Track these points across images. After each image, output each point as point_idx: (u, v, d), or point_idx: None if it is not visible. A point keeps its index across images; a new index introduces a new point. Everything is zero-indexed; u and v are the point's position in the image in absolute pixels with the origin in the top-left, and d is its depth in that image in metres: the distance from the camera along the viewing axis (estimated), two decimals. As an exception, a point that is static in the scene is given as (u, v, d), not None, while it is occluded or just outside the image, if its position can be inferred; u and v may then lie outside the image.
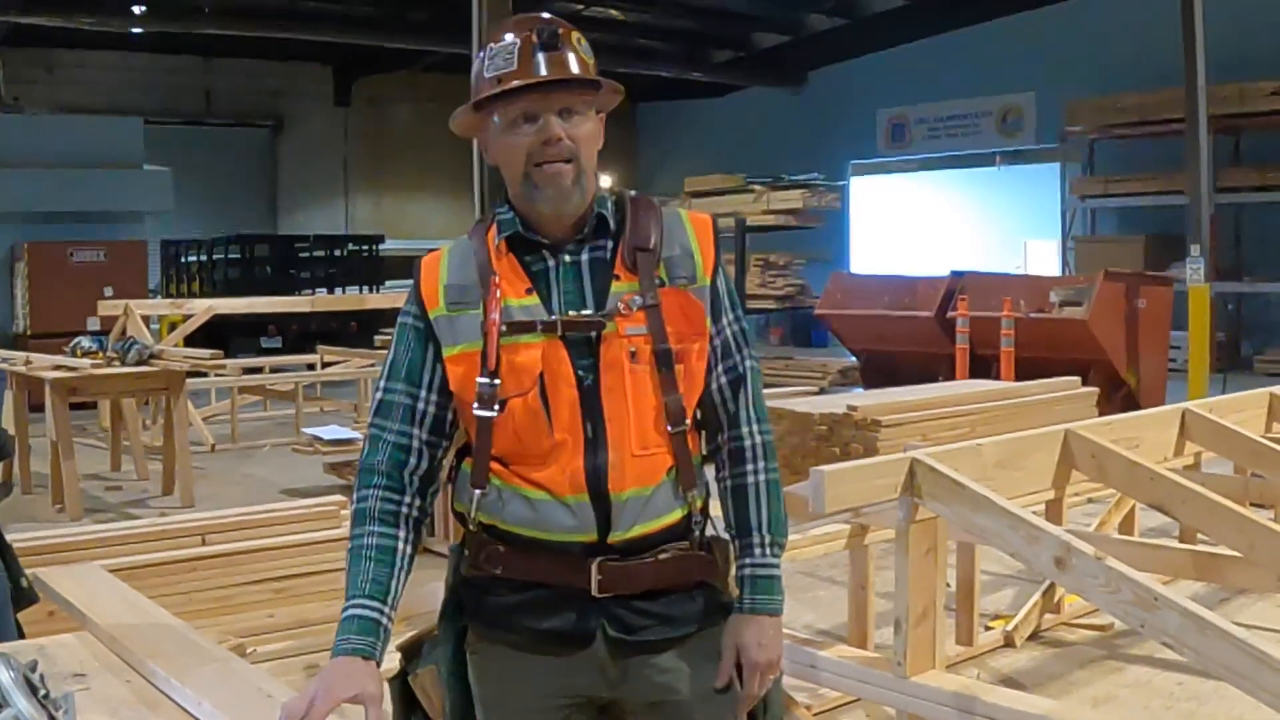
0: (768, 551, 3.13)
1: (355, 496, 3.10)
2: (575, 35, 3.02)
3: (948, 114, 31.87)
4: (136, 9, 26.52)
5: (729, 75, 35.81)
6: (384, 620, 2.95)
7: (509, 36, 3.00)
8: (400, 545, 3.03)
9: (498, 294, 2.98)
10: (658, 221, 3.08)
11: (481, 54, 3.05)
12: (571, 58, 2.98)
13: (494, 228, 3.09)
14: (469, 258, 3.07)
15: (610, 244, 3.05)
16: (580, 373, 2.95)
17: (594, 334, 2.96)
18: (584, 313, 2.98)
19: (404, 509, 3.06)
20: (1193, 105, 19.10)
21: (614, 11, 31.59)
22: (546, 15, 3.06)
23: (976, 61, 29.90)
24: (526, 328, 2.96)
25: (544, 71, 2.96)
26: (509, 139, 3.01)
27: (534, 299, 2.99)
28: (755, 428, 3.17)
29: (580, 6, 30.24)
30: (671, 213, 3.14)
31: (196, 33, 28.28)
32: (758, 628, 3.09)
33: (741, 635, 3.08)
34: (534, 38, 2.98)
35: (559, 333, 2.95)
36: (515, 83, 2.96)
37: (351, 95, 36.39)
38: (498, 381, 2.96)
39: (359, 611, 2.93)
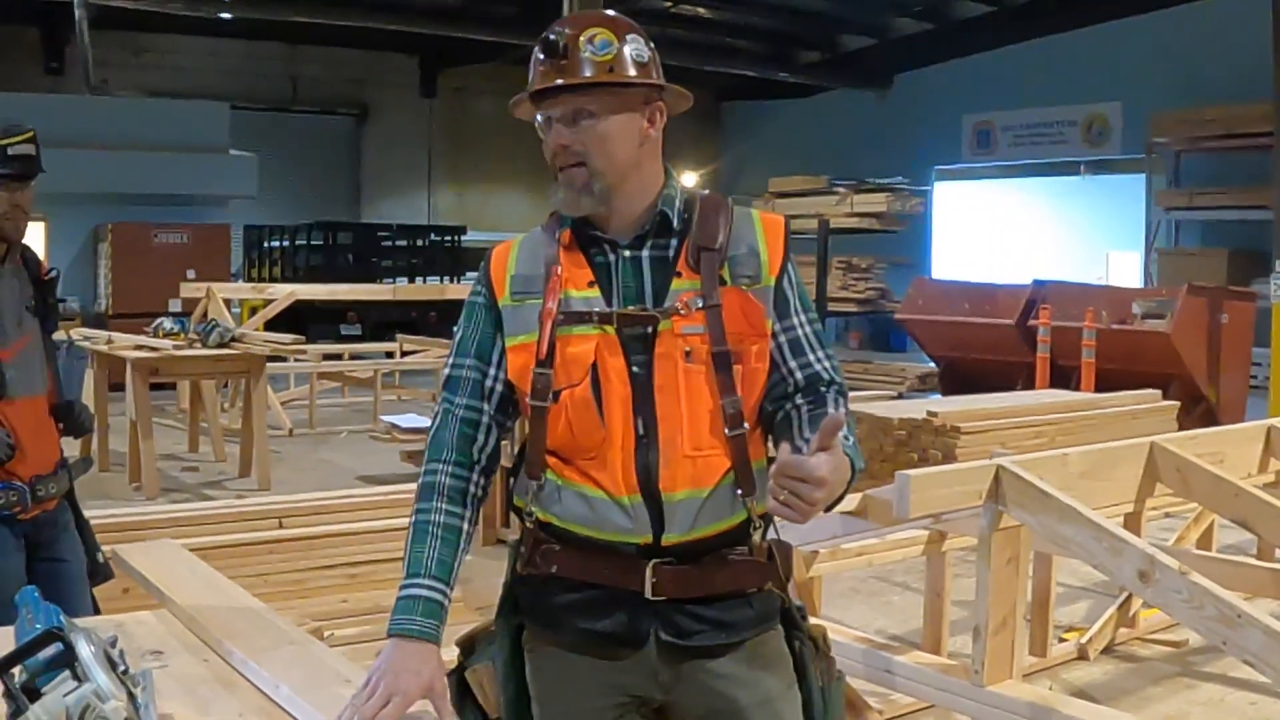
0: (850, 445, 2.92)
1: (424, 469, 3.11)
2: (587, 36, 2.97)
3: (1033, 121, 31.63)
4: (226, -5, 26.72)
5: (814, 76, 35.66)
6: (446, 602, 2.97)
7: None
8: (465, 525, 3.05)
9: (557, 283, 2.99)
10: (726, 220, 3.05)
11: None
12: (580, 62, 2.96)
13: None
14: (538, 250, 3.08)
15: (674, 242, 3.03)
16: (634, 368, 2.94)
17: (649, 329, 2.94)
18: (641, 307, 2.97)
19: (471, 487, 3.08)
20: (1280, 119, 18.90)
21: (701, 10, 31.57)
22: (610, 13, 3.07)
23: (1063, 70, 29.67)
24: (583, 318, 2.96)
25: (543, 82, 2.98)
26: (544, 142, 3.04)
27: (595, 291, 2.99)
28: (836, 384, 3.10)
29: (668, 4, 30.27)
30: (743, 212, 3.12)
31: (284, 20, 28.38)
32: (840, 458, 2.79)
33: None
34: (542, 47, 3.00)
35: (614, 325, 2.94)
36: (517, 97, 3.06)
37: (437, 86, 36.48)
38: (550, 371, 2.96)
39: (424, 593, 2.95)
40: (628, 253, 3.02)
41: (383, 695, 2.79)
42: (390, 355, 20.30)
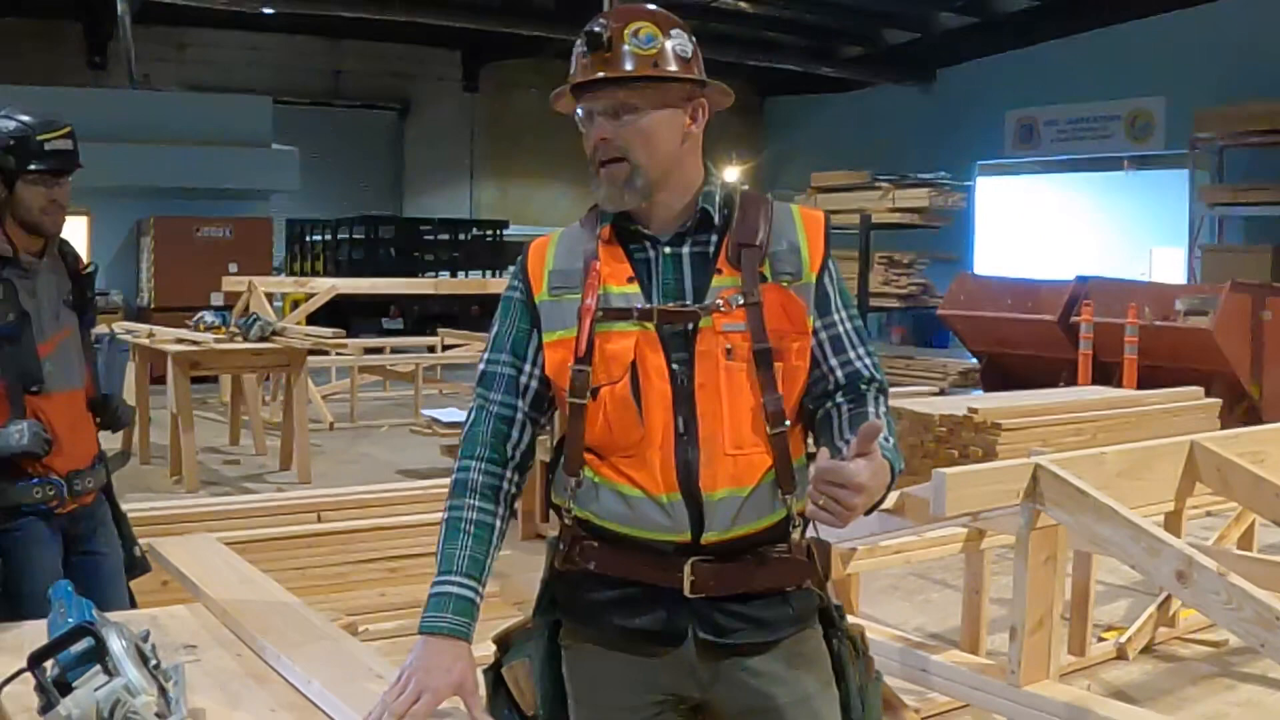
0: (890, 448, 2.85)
1: (457, 465, 3.11)
2: (631, 29, 2.96)
3: (1077, 117, 31.44)
4: (268, -11, 26.77)
5: (857, 71, 35.50)
6: (478, 600, 2.96)
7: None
8: (497, 523, 3.05)
9: (596, 279, 2.97)
10: (767, 217, 3.03)
11: None
12: (624, 55, 2.94)
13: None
14: (577, 245, 3.07)
15: (715, 239, 3.00)
16: (675, 366, 2.92)
17: (689, 326, 2.92)
18: (681, 304, 2.95)
19: (504, 484, 3.07)
20: (1326, 115, 18.78)
21: (744, 4, 31.46)
22: (653, 8, 3.05)
23: (1107, 64, 29.49)
24: (622, 315, 2.94)
25: (585, 74, 2.98)
26: (585, 136, 3.02)
27: (634, 287, 2.97)
28: (877, 382, 3.07)
29: (710, -2, 30.21)
30: (783, 208, 3.09)
31: (326, 14, 28.39)
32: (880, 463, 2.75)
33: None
34: (585, 39, 2.99)
35: (654, 322, 2.92)
36: (558, 89, 3.04)
37: (479, 80, 36.51)
38: (589, 368, 2.94)
39: (456, 590, 2.94)
40: (668, 249, 3.00)
41: (413, 692, 2.80)
42: (432, 349, 20.37)
